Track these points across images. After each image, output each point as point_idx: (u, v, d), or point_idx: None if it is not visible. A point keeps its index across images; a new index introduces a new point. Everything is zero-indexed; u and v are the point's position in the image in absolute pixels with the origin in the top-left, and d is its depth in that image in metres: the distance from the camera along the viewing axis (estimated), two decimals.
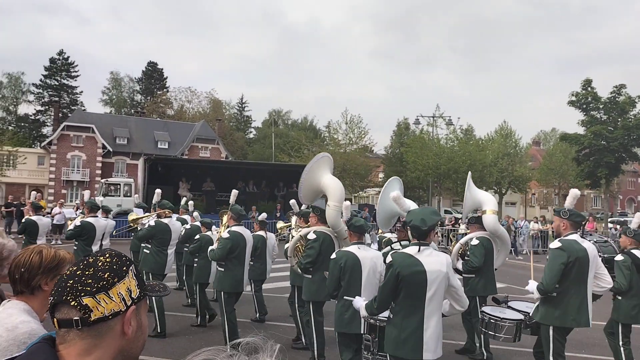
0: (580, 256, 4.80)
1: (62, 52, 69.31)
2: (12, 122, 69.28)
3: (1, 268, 3.18)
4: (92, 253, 1.42)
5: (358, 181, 43.38)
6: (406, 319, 3.95)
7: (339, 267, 4.98)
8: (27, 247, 2.24)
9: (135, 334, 1.38)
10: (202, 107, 71.82)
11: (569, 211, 5.00)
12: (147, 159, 25.43)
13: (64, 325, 1.30)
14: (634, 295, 5.72)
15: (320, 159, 6.61)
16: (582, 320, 4.87)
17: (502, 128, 45.60)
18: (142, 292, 1.41)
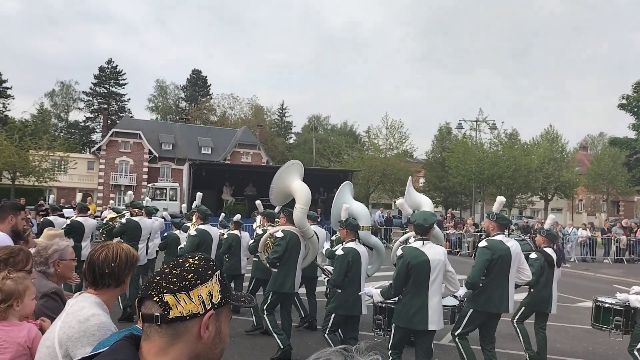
0: (504, 254, 5.48)
1: (111, 60, 71.83)
2: (64, 129, 72.10)
3: (47, 267, 3.33)
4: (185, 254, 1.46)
5: (398, 186, 43.07)
6: (414, 298, 4.96)
7: (347, 262, 5.84)
8: (106, 244, 2.33)
9: (212, 339, 1.38)
10: (244, 113, 72.90)
11: (497, 215, 5.72)
12: (191, 164, 25.97)
13: (146, 319, 1.35)
14: (543, 287, 6.44)
15: (290, 165, 7.24)
16: (503, 307, 5.59)
17: (547, 132, 44.44)
18: (224, 298, 1.40)
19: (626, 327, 6.07)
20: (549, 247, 6.71)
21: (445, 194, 47.21)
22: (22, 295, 2.70)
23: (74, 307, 2.15)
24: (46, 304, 2.99)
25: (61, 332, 2.05)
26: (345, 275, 5.85)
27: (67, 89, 72.84)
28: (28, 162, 34.95)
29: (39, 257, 3.28)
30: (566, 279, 16.16)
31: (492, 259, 5.46)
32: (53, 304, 3.01)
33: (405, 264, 4.94)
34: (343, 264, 5.86)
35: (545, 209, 46.19)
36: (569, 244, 21.52)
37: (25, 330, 2.66)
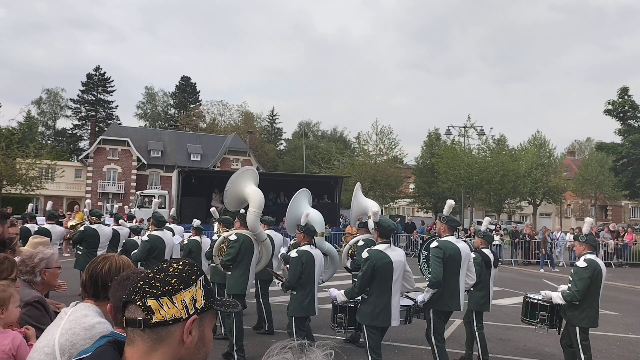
0: (454, 254, 5.82)
1: (99, 67, 71.43)
2: (51, 137, 71.52)
3: (34, 275, 3.30)
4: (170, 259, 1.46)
5: (389, 192, 43.16)
6: (379, 297, 5.34)
7: (301, 264, 6.12)
8: (106, 255, 2.31)
9: (195, 344, 1.38)
10: (234, 119, 72.78)
11: (447, 217, 6.15)
12: (180, 171, 25.87)
13: (129, 324, 1.35)
14: (482, 287, 6.70)
15: (243, 171, 7.56)
16: (454, 305, 5.92)
17: (535, 138, 44.77)
18: (208, 304, 1.40)
19: (551, 321, 6.50)
20: (487, 248, 7.10)
21: (435, 199, 47.31)
22: (7, 302, 2.67)
23: (74, 314, 2.12)
24: (29, 312, 2.97)
25: (63, 339, 2.02)
26: (299, 277, 6.11)
27: (55, 97, 72.36)
28: (15, 171, 34.59)
29: (24, 266, 3.24)
30: (555, 283, 16.26)
31: (444, 257, 5.77)
32: (36, 312, 2.98)
33: (371, 265, 5.30)
34: (297, 266, 6.11)
35: (533, 214, 46.47)
36: (558, 249, 21.70)
37: (10, 338, 2.64)
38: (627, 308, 12.17)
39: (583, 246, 6.22)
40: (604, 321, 10.38)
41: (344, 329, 6.09)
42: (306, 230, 6.43)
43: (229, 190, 7.24)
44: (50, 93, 71.99)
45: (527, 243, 21.89)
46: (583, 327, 5.96)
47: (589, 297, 5.92)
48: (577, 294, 5.86)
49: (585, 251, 6.16)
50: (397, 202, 52.35)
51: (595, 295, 5.99)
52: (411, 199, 52.94)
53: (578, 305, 5.92)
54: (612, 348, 8.36)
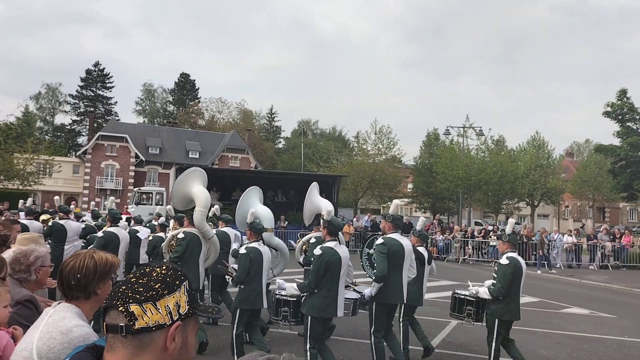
0: (397, 249, 6.15)
1: (98, 63, 71.34)
2: (49, 132, 71.37)
3: (29, 274, 3.24)
4: (151, 263, 1.42)
5: (387, 192, 43.12)
6: (329, 290, 5.74)
7: (249, 260, 6.43)
8: (78, 253, 2.23)
9: (178, 351, 1.34)
10: (233, 117, 72.72)
11: (392, 216, 6.49)
12: (178, 168, 25.82)
13: (110, 330, 1.31)
14: (415, 282, 6.98)
15: (190, 172, 7.83)
16: (398, 298, 6.25)
17: (534, 139, 44.78)
18: (191, 309, 1.37)
19: (477, 315, 6.89)
20: (421, 246, 7.46)
21: (433, 199, 47.30)
22: None
23: (53, 316, 2.04)
24: (19, 311, 2.91)
25: (41, 342, 1.95)
26: (248, 272, 6.41)
27: (53, 92, 72.21)
28: (12, 166, 34.49)
29: (18, 265, 3.19)
30: (552, 285, 16.27)
31: (388, 253, 6.07)
32: (27, 311, 2.93)
33: (324, 261, 5.70)
34: (246, 262, 6.42)
35: (531, 215, 46.49)
36: (555, 250, 21.67)
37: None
38: (624, 311, 12.15)
39: (506, 245, 6.66)
40: (600, 323, 10.40)
41: (289, 322, 6.40)
42: (252, 228, 6.77)
43: (176, 190, 7.55)
44: (49, 88, 71.91)
45: (525, 244, 21.88)
46: (504, 320, 6.34)
47: (510, 292, 6.32)
48: (501, 290, 6.26)
49: (508, 249, 6.59)
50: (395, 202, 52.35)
51: (517, 290, 6.40)
52: (409, 198, 52.94)
53: (501, 300, 6.31)
54: (607, 351, 8.34)
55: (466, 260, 22.35)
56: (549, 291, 14.63)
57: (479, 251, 22.75)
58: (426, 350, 7.18)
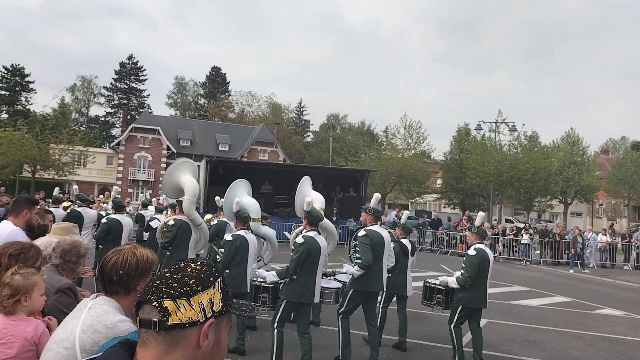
0: (378, 240, 6.50)
1: (132, 56, 72.54)
2: (84, 123, 73.03)
3: (77, 265, 3.32)
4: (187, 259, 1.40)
5: (415, 187, 42.78)
6: (309, 277, 6.04)
7: (235, 247, 6.83)
8: (120, 248, 2.23)
9: (211, 349, 1.33)
10: (262, 110, 73.11)
11: (373, 208, 6.86)
12: (208, 160, 26.05)
13: (143, 324, 1.30)
14: (399, 273, 7.40)
15: (180, 163, 8.32)
16: (379, 286, 6.60)
17: (568, 135, 43.82)
18: (225, 307, 1.35)
19: (446, 303, 7.21)
20: (405, 238, 7.81)
21: (463, 195, 46.76)
22: (31, 290, 2.68)
23: (95, 309, 2.05)
24: (60, 299, 2.97)
25: (85, 335, 1.96)
26: (232, 258, 6.81)
27: (88, 84, 73.82)
28: (48, 156, 35.41)
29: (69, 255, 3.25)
30: (585, 285, 15.91)
31: (370, 243, 6.40)
32: (67, 299, 2.99)
33: (306, 249, 6.03)
34: (231, 249, 6.87)
35: (564, 213, 45.54)
36: (588, 250, 21.13)
37: (33, 326, 2.65)
38: None
39: (474, 236, 6.99)
40: (635, 326, 10.11)
41: (268, 308, 6.68)
42: (238, 217, 7.25)
43: (166, 180, 8.02)
44: (84, 80, 73.52)
45: (557, 243, 21.42)
46: (471, 308, 6.71)
47: (477, 281, 6.67)
48: (468, 279, 6.61)
49: (476, 241, 6.92)
50: (423, 197, 51.96)
51: (484, 279, 6.73)
52: (438, 194, 52.44)
53: (468, 288, 6.67)
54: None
55: (496, 258, 22.01)
56: (581, 291, 14.30)
57: (510, 249, 22.35)
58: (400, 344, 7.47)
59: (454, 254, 22.82)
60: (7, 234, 4.07)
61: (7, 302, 2.63)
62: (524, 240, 21.57)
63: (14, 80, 62.24)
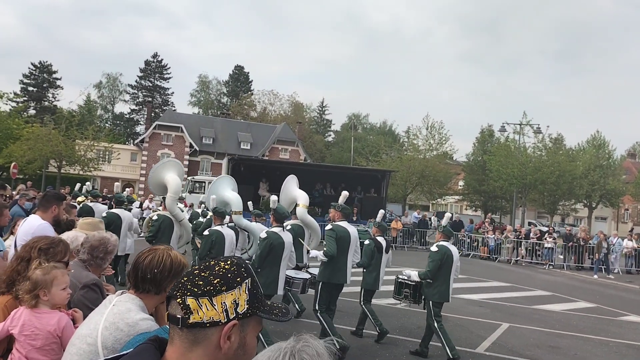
0: (344, 235, 7.02)
1: (157, 54, 73.43)
2: (109, 120, 74.17)
3: (104, 261, 3.37)
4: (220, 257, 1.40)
5: (437, 188, 42.43)
6: (271, 270, 6.46)
7: (211, 241, 7.36)
8: (155, 248, 2.25)
9: (234, 351, 1.30)
10: (284, 109, 73.30)
11: (341, 206, 7.41)
12: (230, 158, 26.25)
13: (170, 320, 1.30)
14: (373, 269, 7.81)
15: (166, 162, 8.99)
16: (343, 279, 7.05)
17: (594, 138, 43.02)
18: (251, 309, 1.32)
19: (414, 297, 7.71)
20: (381, 236, 8.23)
21: (485, 197, 46.20)
22: (50, 285, 2.72)
23: (119, 307, 2.07)
24: (86, 294, 3.03)
25: (107, 332, 1.98)
26: (208, 252, 7.19)
27: (114, 81, 74.93)
28: (74, 152, 36.06)
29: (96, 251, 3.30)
30: (609, 291, 15.62)
31: (336, 237, 6.91)
32: (93, 295, 3.04)
33: (269, 244, 6.52)
34: (207, 242, 7.39)
35: (589, 217, 44.74)
36: (613, 255, 20.71)
37: (56, 319, 2.70)
38: None
39: (440, 235, 7.57)
40: None
41: None
42: (215, 212, 7.87)
43: (151, 178, 8.55)
44: (109, 77, 74.65)
45: (581, 247, 21.07)
46: (436, 302, 7.14)
47: (440, 276, 7.14)
48: (429, 273, 7.13)
49: (441, 239, 7.43)
50: (445, 198, 51.43)
51: (447, 275, 7.16)
52: (460, 196, 51.90)
53: (432, 283, 7.17)
54: None
55: (519, 261, 21.73)
56: (606, 297, 14.04)
57: (533, 253, 22.03)
58: (381, 334, 7.69)
59: (475, 256, 22.60)
60: (35, 228, 4.16)
61: (26, 297, 2.69)
62: (548, 244, 21.25)
63: (42, 77, 63.49)
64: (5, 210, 4.96)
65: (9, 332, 2.67)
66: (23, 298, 2.70)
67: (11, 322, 2.68)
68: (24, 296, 2.69)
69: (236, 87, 78.43)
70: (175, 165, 8.69)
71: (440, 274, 7.10)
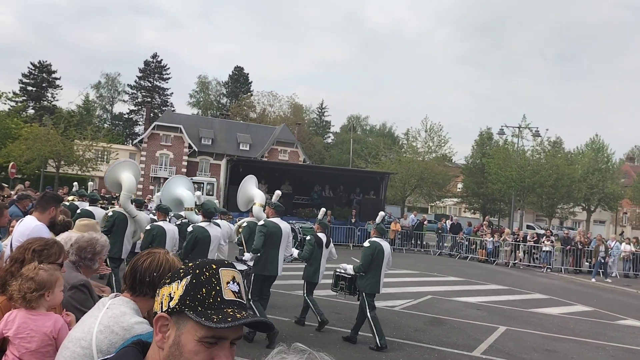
0: (275, 231, 7.57)
1: (156, 55, 73.46)
2: (108, 120, 74.14)
3: (93, 262, 3.35)
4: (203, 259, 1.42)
5: (436, 190, 42.46)
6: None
7: (152, 236, 7.74)
8: (153, 251, 2.23)
9: (168, 348, 1.26)
10: (283, 111, 73.33)
11: (274, 204, 8.04)
12: (229, 159, 26.23)
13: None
14: (313, 263, 8.31)
15: (122, 162, 9.44)
16: (274, 271, 7.55)
17: (593, 141, 43.10)
18: (181, 305, 1.24)
19: (349, 289, 8.27)
20: (322, 232, 8.65)
21: (484, 200, 46.24)
22: (53, 286, 2.73)
23: (113, 310, 2.05)
24: (74, 295, 3.01)
25: (102, 336, 1.96)
26: (148, 245, 7.46)
27: (112, 82, 74.90)
28: (72, 152, 36.03)
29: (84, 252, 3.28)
30: (607, 294, 15.61)
31: (266, 233, 7.45)
32: (81, 296, 3.03)
33: (194, 237, 6.96)
34: (149, 236, 7.87)
35: (587, 220, 44.76)
36: (612, 259, 20.69)
37: (52, 321, 2.69)
38: None
39: (374, 231, 8.12)
40: None
41: None
42: (158, 209, 8.53)
43: (107, 175, 8.98)
44: (108, 78, 74.61)
45: (579, 251, 21.06)
46: (368, 293, 7.66)
47: (371, 269, 7.68)
48: (361, 267, 7.70)
49: (374, 235, 7.99)
50: (443, 201, 51.49)
51: (378, 268, 7.70)
52: (459, 198, 51.95)
53: (364, 276, 7.72)
54: None
55: (516, 264, 21.72)
56: (603, 301, 14.03)
57: (531, 256, 22.01)
58: (321, 323, 8.10)
59: (473, 259, 22.59)
60: (31, 229, 4.15)
61: (30, 296, 2.67)
62: (545, 247, 21.24)
63: (41, 76, 63.45)
64: (5, 211, 4.95)
65: (4, 335, 2.66)
66: (25, 297, 2.69)
67: (5, 324, 2.66)
68: (28, 295, 2.68)
69: (236, 88, 78.42)
70: (132, 165, 9.16)
71: (371, 267, 7.67)
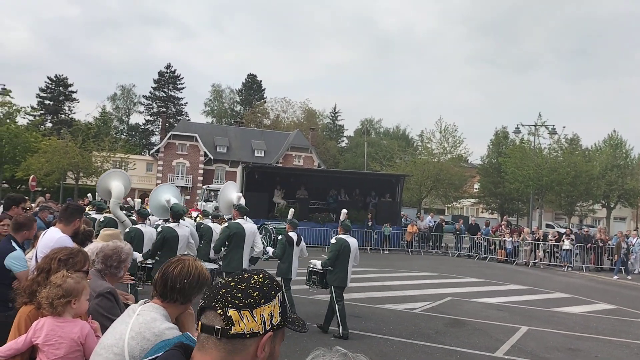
0: (238, 231, 8.22)
1: (170, 65, 74.33)
2: (124, 131, 75.07)
3: (118, 270, 3.43)
4: (248, 270, 1.47)
5: (452, 191, 42.23)
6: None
7: (130, 237, 8.06)
8: (182, 258, 2.28)
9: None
10: (297, 116, 73.60)
11: (238, 205, 8.79)
12: (245, 166, 26.37)
13: (205, 330, 1.35)
14: (285, 260, 8.81)
15: (112, 171, 10.25)
16: (236, 267, 8.00)
17: (611, 138, 42.55)
18: (283, 321, 1.40)
19: (320, 283, 8.63)
20: (293, 232, 9.15)
21: (501, 200, 45.88)
22: (80, 294, 2.80)
23: (144, 316, 2.09)
24: (101, 303, 3.07)
25: (134, 342, 2.00)
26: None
27: (128, 93, 75.88)
28: (91, 163, 36.54)
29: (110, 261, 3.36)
30: (629, 292, 15.38)
31: (230, 234, 8.14)
32: (107, 303, 3.09)
33: (162, 236, 7.43)
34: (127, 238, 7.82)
35: (607, 218, 44.15)
36: (633, 255, 20.38)
37: (79, 327, 2.76)
38: None
39: (340, 229, 8.70)
40: None
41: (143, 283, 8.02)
42: (138, 213, 9.14)
43: (99, 184, 9.66)
44: (124, 89, 75.62)
45: (600, 248, 20.78)
46: (336, 286, 8.14)
47: (339, 264, 8.18)
48: (328, 262, 8.22)
49: (341, 232, 8.55)
50: (460, 202, 51.17)
51: (344, 263, 8.20)
52: (476, 199, 51.60)
53: (332, 270, 8.22)
54: None
55: (537, 264, 21.50)
56: (626, 298, 13.84)
57: (551, 255, 21.76)
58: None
59: (492, 259, 22.39)
60: (55, 240, 4.23)
61: (58, 302, 2.75)
62: (566, 245, 21.00)
63: (58, 90, 64.51)
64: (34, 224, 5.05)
65: (33, 343, 2.74)
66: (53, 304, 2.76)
67: (34, 333, 2.74)
68: (55, 302, 2.75)
69: (249, 96, 78.99)
70: (121, 175, 9.81)
71: (338, 262, 8.17)
